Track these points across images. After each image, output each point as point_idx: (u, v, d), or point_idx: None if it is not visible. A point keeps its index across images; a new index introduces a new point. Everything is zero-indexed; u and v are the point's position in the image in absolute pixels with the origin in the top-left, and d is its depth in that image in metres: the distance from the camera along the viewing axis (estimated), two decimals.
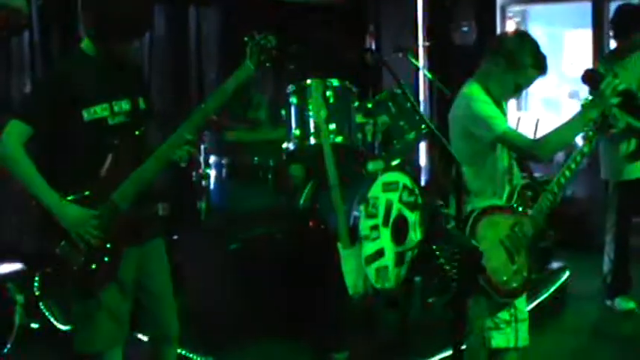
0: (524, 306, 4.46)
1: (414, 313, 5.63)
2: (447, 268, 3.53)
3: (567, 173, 4.39)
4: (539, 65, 4.24)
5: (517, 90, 4.32)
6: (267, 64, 4.09)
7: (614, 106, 4.23)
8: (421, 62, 9.10)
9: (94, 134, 3.83)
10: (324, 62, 5.98)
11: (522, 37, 4.37)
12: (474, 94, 4.26)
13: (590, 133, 4.39)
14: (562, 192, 4.41)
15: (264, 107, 7.02)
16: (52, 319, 5.89)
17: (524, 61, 4.20)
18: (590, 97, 4.34)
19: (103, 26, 3.78)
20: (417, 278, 5.79)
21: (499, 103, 4.32)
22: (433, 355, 5.33)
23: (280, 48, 4.11)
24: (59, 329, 5.87)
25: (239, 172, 6.33)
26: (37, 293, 5.84)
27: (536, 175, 7.53)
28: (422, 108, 8.33)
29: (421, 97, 9.02)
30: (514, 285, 4.21)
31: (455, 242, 3.37)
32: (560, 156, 6.73)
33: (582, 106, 4.24)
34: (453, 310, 3.53)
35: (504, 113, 4.32)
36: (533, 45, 4.27)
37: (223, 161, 6.30)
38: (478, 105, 4.20)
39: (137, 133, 3.94)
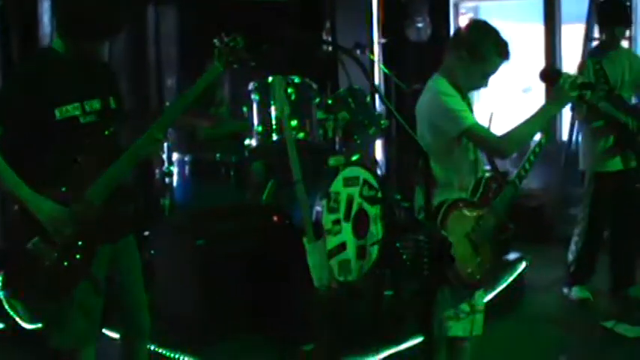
0: (483, 297, 4.55)
1: (384, 303, 5.71)
2: (409, 262, 3.58)
3: (527, 166, 4.49)
4: (503, 52, 4.30)
5: (484, 79, 4.36)
6: (235, 66, 4.15)
7: (578, 98, 4.30)
8: (376, 58, 9.19)
9: (66, 133, 3.84)
10: (284, 59, 6.04)
11: (482, 27, 4.41)
12: (441, 88, 4.30)
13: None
14: (522, 184, 4.53)
15: (225, 103, 7.05)
16: (17, 319, 5.87)
17: (488, 50, 4.26)
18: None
19: (75, 25, 3.80)
20: (387, 271, 5.88)
21: (465, 96, 4.39)
22: (402, 343, 5.41)
23: (249, 49, 4.16)
24: (24, 328, 5.85)
25: (202, 169, 6.37)
26: (0, 292, 5.81)
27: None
28: (378, 104, 8.40)
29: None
30: (478, 277, 4.29)
31: (425, 232, 3.44)
32: None
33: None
34: (423, 299, 3.60)
35: (470, 107, 4.40)
36: (494, 33, 4.33)
37: (186, 158, 6.34)
38: (445, 99, 4.24)
39: (107, 132, 3.97)
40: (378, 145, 9.25)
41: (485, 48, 4.26)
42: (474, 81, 4.37)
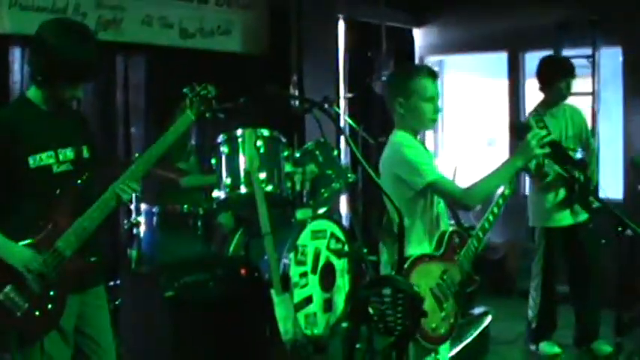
0: (447, 352, 4.60)
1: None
2: (376, 317, 3.57)
3: (491, 218, 4.55)
4: (427, 74, 4.38)
5: (432, 105, 4.37)
6: (207, 115, 4.17)
7: (544, 156, 4.36)
8: (342, 112, 9.23)
9: (39, 182, 3.84)
10: (252, 111, 6.07)
11: (397, 72, 4.70)
12: (403, 141, 4.36)
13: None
14: (486, 237, 4.58)
15: (193, 154, 7.06)
16: None
17: (416, 82, 4.33)
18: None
19: (52, 72, 3.80)
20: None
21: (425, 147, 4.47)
22: None
23: (219, 99, 4.19)
24: None
25: (169, 220, 6.36)
26: None
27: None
28: (344, 157, 8.45)
29: (343, 147, 9.11)
30: (442, 331, 4.31)
31: (399, 287, 3.45)
32: None
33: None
34: (394, 353, 3.61)
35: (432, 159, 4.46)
36: (408, 68, 4.66)
37: (154, 209, 6.33)
38: (408, 152, 4.29)
39: (80, 181, 3.98)
40: (344, 199, 9.28)
41: (412, 82, 4.34)
42: (426, 115, 4.38)
